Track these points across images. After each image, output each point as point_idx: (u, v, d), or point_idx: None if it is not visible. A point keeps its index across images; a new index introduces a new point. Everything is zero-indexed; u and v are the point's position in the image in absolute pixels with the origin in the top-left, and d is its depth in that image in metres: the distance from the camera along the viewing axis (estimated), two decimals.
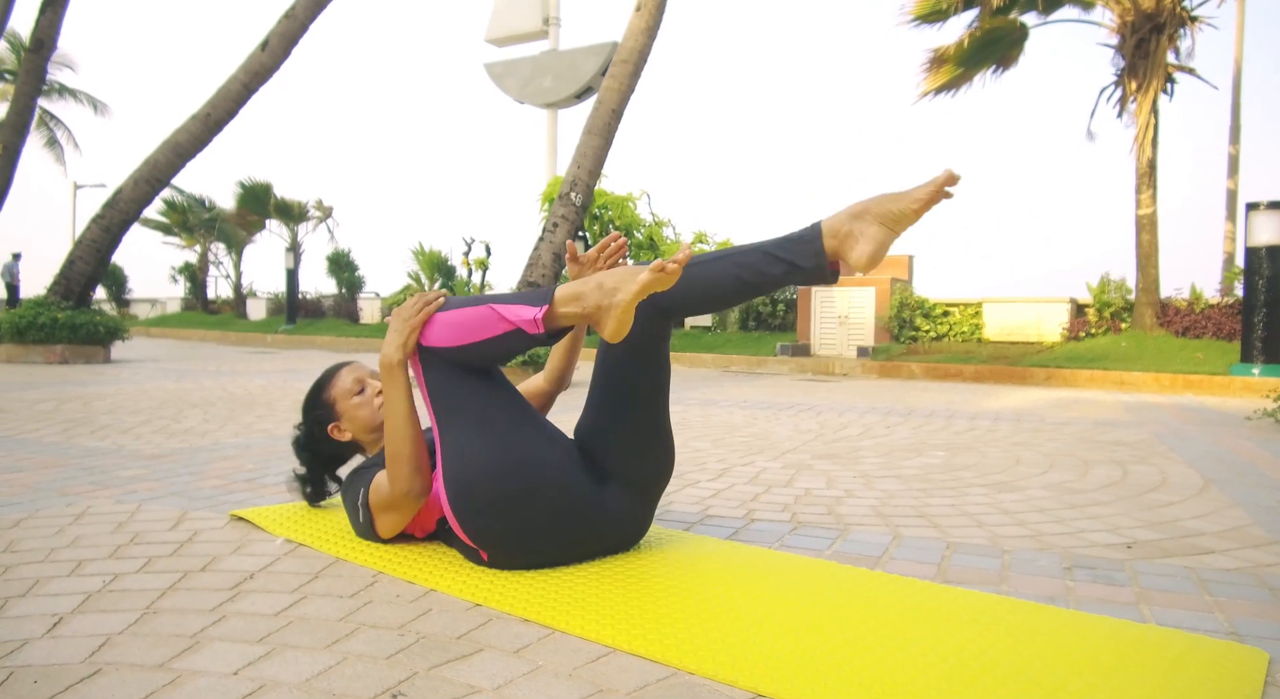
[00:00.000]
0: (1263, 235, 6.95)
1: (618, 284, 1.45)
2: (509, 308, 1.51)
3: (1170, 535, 2.00)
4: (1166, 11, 8.25)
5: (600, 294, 1.46)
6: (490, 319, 1.52)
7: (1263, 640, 1.32)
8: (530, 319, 1.48)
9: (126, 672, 1.13)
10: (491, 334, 1.52)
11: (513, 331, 1.51)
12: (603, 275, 1.48)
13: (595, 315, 1.47)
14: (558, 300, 1.50)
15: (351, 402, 1.90)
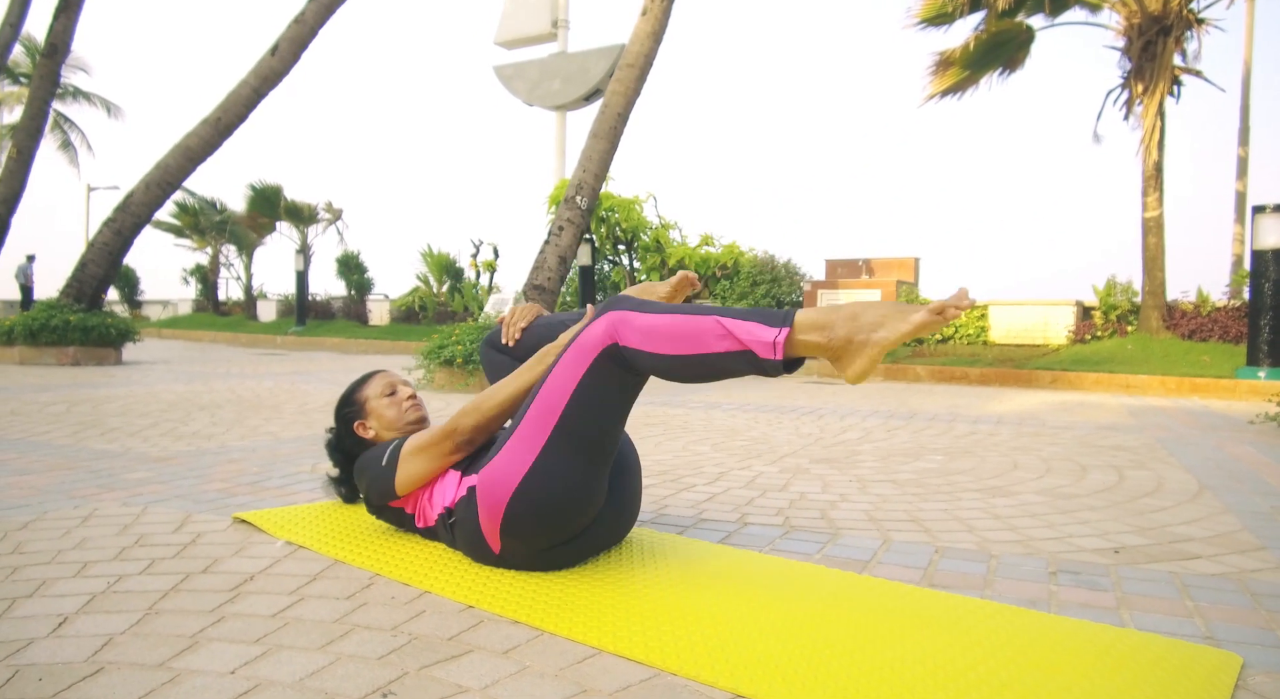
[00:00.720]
0: (1270, 238, 6.93)
1: (880, 320, 1.33)
2: (740, 324, 1.38)
3: (1158, 541, 2.02)
4: (1173, 14, 8.24)
5: (853, 327, 1.34)
6: (713, 333, 1.39)
7: (1239, 645, 1.34)
8: (768, 342, 1.34)
9: (127, 671, 1.17)
10: (710, 350, 1.40)
11: (740, 353, 1.37)
12: (858, 306, 1.36)
13: (840, 350, 1.35)
14: (799, 325, 1.36)
15: (381, 401, 1.97)
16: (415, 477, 1.73)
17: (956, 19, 9.57)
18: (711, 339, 1.39)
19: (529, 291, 7.39)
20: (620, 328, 1.48)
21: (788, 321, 1.35)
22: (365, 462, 1.83)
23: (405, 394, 2.00)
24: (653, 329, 1.45)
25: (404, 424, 1.97)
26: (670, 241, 12.22)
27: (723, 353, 1.39)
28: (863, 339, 1.33)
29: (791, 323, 1.35)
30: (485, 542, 1.61)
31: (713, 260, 11.88)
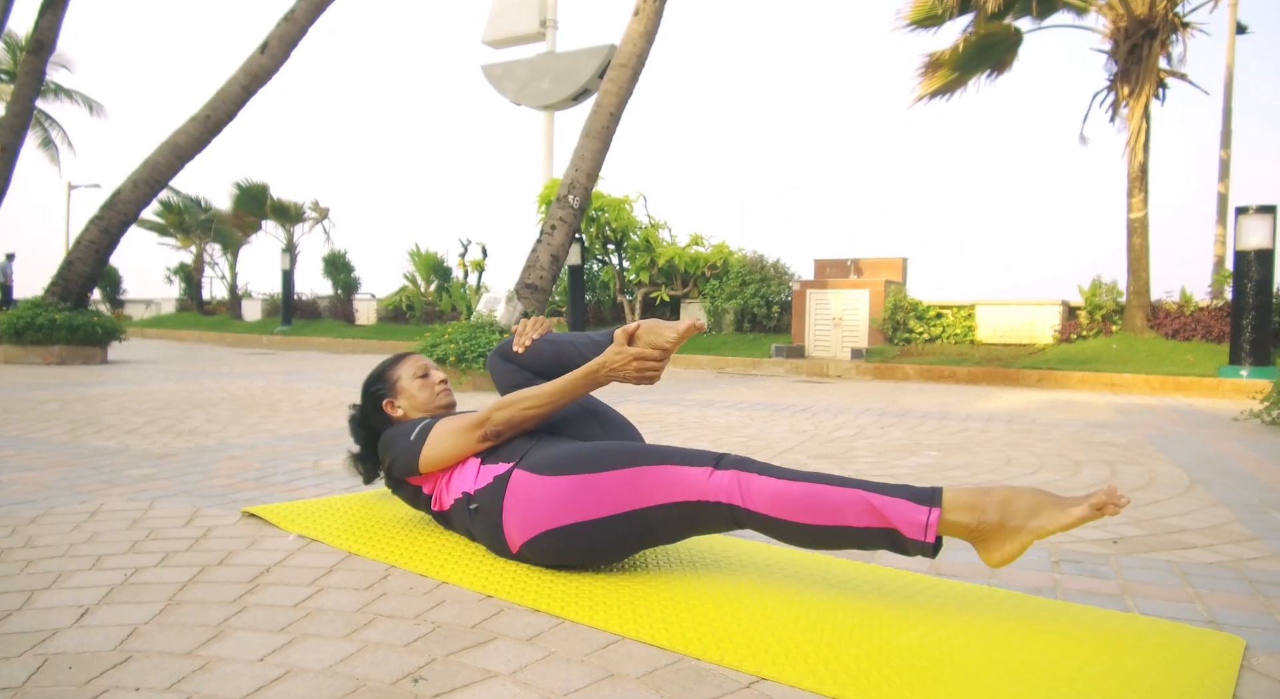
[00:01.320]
0: (1252, 239, 7.04)
1: (1035, 508, 1.30)
2: (885, 500, 1.33)
3: (1155, 532, 2.07)
4: (1159, 18, 8.35)
5: (1006, 512, 1.31)
6: (856, 508, 1.34)
7: (1240, 629, 1.38)
8: (919, 523, 1.30)
9: (156, 658, 1.18)
10: (849, 524, 1.35)
11: (883, 529, 1.33)
12: (1010, 491, 1.33)
13: (989, 534, 1.32)
14: (949, 505, 1.32)
15: (414, 382, 1.99)
16: (441, 456, 1.76)
17: (945, 21, 9.66)
18: (852, 513, 1.35)
19: (521, 290, 7.40)
20: (746, 491, 1.42)
21: (936, 501, 1.31)
22: (393, 434, 1.86)
23: (438, 378, 2.03)
24: (785, 495, 1.40)
25: (434, 407, 1.99)
26: (660, 241, 12.25)
27: (862, 528, 1.35)
28: (1016, 525, 1.30)
29: (940, 503, 1.31)
30: (504, 539, 1.64)
31: (702, 260, 11.93)
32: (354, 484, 2.50)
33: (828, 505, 1.36)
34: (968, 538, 1.33)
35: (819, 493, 1.37)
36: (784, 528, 1.41)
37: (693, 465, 1.49)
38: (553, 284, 7.74)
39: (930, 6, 9.43)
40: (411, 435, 1.80)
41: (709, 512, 1.46)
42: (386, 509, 2.10)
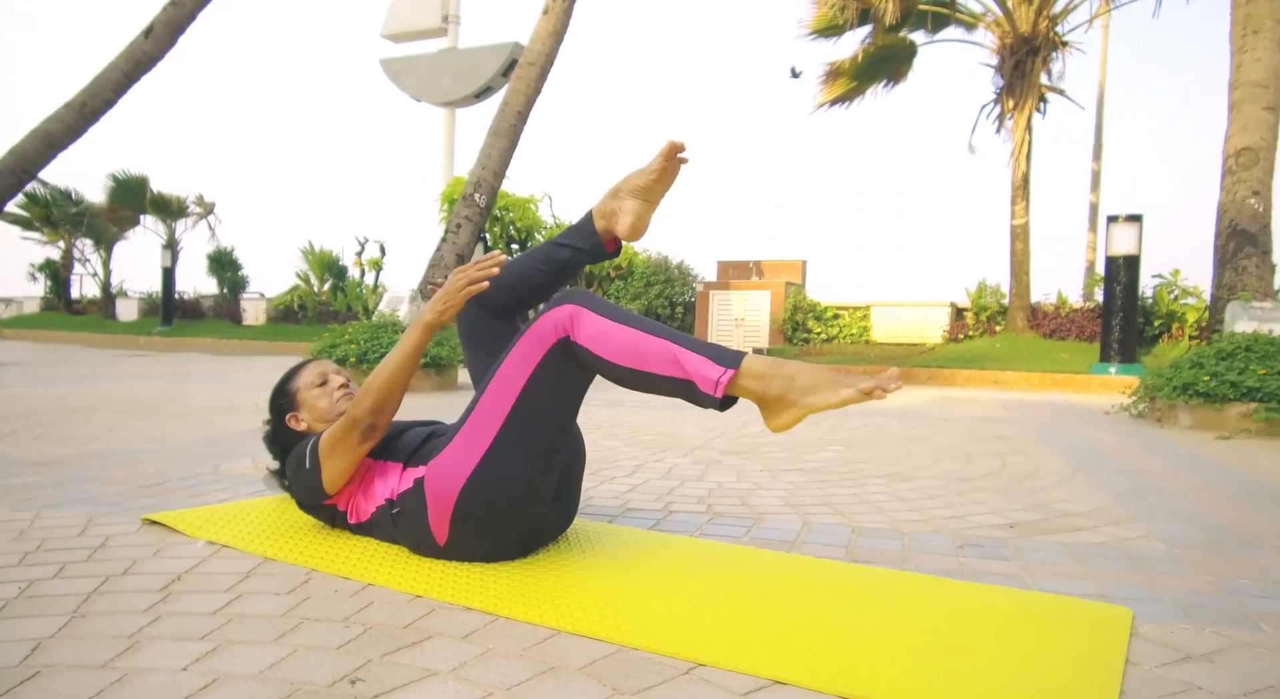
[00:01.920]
0: (1121, 246, 7.57)
1: (813, 385, 1.40)
2: (690, 356, 1.42)
3: (1045, 516, 2.21)
4: (1041, 36, 8.89)
5: (787, 385, 1.40)
6: (663, 357, 1.44)
7: (1127, 601, 1.50)
8: (712, 379, 1.40)
9: (68, 673, 1.12)
10: (654, 371, 1.45)
11: (682, 381, 1.43)
12: (796, 368, 1.42)
13: (771, 402, 1.42)
14: (744, 371, 1.41)
15: (312, 392, 1.90)
16: (339, 473, 1.71)
17: (845, 31, 10.00)
18: (659, 362, 1.44)
19: (426, 290, 7.26)
20: (575, 322, 1.50)
21: (735, 364, 1.40)
22: (291, 465, 1.79)
23: (337, 383, 1.94)
24: (606, 334, 1.48)
25: (336, 415, 1.91)
26: None
27: (665, 377, 1.44)
28: (793, 399, 1.40)
29: (738, 367, 1.40)
30: (431, 533, 1.61)
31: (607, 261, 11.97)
32: (260, 488, 2.41)
33: (640, 351, 1.46)
34: (755, 402, 1.43)
35: (636, 338, 1.47)
36: (605, 367, 1.50)
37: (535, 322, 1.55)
38: None
39: (831, 17, 9.75)
40: (305, 462, 1.74)
41: (554, 356, 1.51)
42: (298, 514, 2.04)
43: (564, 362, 1.52)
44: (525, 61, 8.20)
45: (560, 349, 1.52)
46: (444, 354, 6.20)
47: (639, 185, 1.70)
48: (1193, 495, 2.55)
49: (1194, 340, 8.25)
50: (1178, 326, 8.48)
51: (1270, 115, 6.46)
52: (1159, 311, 8.56)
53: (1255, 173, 6.05)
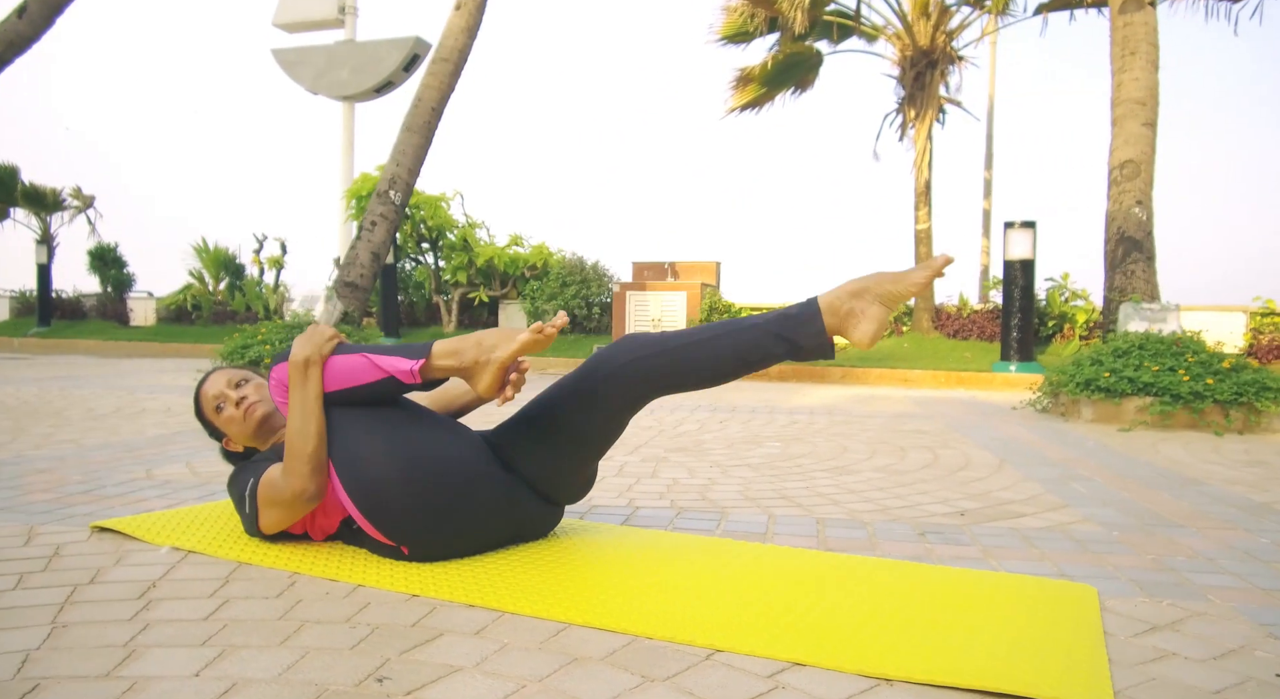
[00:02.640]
0: (1017, 250, 8.01)
1: (496, 342, 1.56)
2: (384, 359, 1.58)
3: (988, 504, 2.34)
4: (939, 49, 9.32)
5: (478, 350, 1.56)
6: (363, 368, 1.59)
7: (1086, 579, 1.61)
8: (406, 370, 1.56)
9: (71, 683, 1.06)
10: (363, 381, 1.59)
11: (385, 379, 1.58)
12: (482, 334, 1.58)
13: (470, 370, 1.57)
14: (435, 353, 1.57)
15: (220, 418, 1.83)
16: (280, 523, 1.66)
17: (755, 38, 10.23)
18: (363, 373, 1.58)
19: (341, 289, 7.05)
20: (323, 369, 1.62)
21: (425, 353, 1.56)
22: (234, 498, 1.73)
23: (233, 400, 1.82)
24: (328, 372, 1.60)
25: (254, 430, 1.83)
26: (477, 241, 12.07)
27: (374, 382, 1.58)
28: (485, 359, 1.55)
29: (429, 354, 1.56)
30: (388, 547, 1.61)
31: (521, 260, 11.87)
32: (206, 493, 2.31)
33: (346, 371, 1.59)
34: (457, 375, 1.58)
35: (337, 363, 1.59)
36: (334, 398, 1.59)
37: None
38: (374, 282, 7.44)
39: (741, 24, 9.95)
40: (245, 506, 1.68)
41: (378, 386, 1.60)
42: None
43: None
44: (439, 57, 8.07)
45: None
46: None
47: (892, 293, 1.58)
48: (1112, 483, 2.74)
49: (1084, 340, 8.81)
50: (1069, 327, 9.03)
51: (1149, 131, 6.97)
52: (1051, 313, 9.10)
53: (1138, 184, 6.52)
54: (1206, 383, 4.41)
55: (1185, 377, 4.46)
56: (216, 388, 1.86)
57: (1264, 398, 4.38)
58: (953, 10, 9.48)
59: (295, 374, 1.59)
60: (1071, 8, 9.06)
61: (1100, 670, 1.13)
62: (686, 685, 1.09)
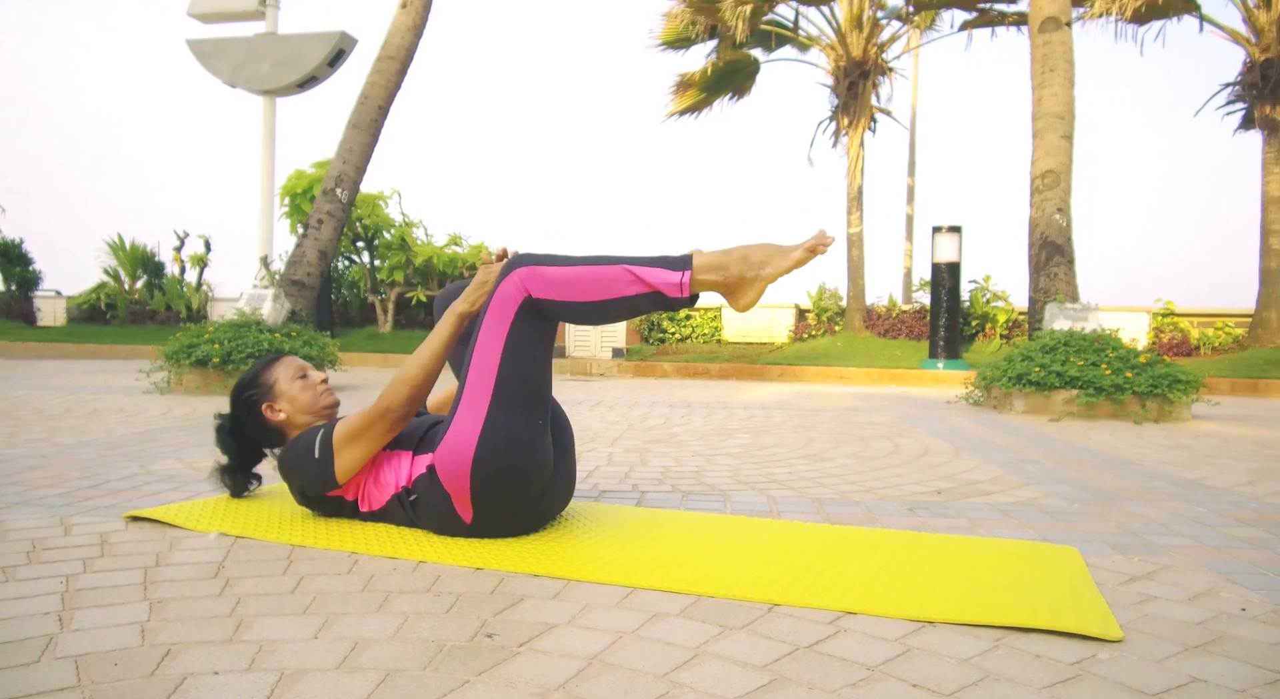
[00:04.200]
0: (944, 253, 8.43)
1: (766, 258, 1.57)
2: (646, 270, 1.56)
3: (959, 484, 2.56)
4: (871, 61, 9.73)
5: (744, 266, 1.57)
6: (623, 280, 1.56)
7: (1064, 542, 1.82)
8: (675, 283, 1.55)
9: (200, 649, 1.14)
10: (623, 294, 1.57)
11: (649, 294, 1.57)
12: (747, 248, 1.58)
13: (734, 286, 1.58)
14: (698, 267, 1.57)
15: (294, 384, 1.93)
16: (355, 463, 1.75)
17: (695, 44, 10.47)
18: (622, 285, 1.57)
19: (288, 288, 6.96)
20: (531, 281, 1.61)
21: (688, 265, 1.57)
22: (293, 458, 1.81)
23: (318, 378, 1.98)
24: (564, 280, 1.60)
25: (319, 408, 1.95)
26: (415, 240, 11.98)
27: (634, 295, 1.58)
28: (753, 275, 1.58)
29: (691, 266, 1.57)
30: (456, 513, 1.69)
31: (460, 260, 11.84)
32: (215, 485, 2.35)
33: (601, 281, 1.58)
34: (718, 291, 1.61)
35: (591, 272, 1.58)
36: (572, 309, 1.61)
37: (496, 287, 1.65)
38: (321, 280, 7.36)
39: (681, 30, 10.18)
40: (315, 453, 1.77)
41: (522, 317, 1.62)
42: (286, 504, 2.03)
43: (531, 318, 1.64)
44: (384, 55, 8.03)
45: (526, 308, 1.63)
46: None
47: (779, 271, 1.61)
48: (1060, 465, 3.01)
49: (1004, 339, 9.31)
50: (990, 326, 9.54)
51: (1067, 143, 7.44)
52: (975, 313, 9.60)
53: (1058, 192, 6.96)
54: (1126, 376, 4.79)
55: (1107, 371, 4.84)
56: (305, 363, 2.00)
57: (1175, 389, 4.79)
58: (883, 24, 9.90)
59: (448, 318, 1.71)
60: (993, 25, 9.57)
61: (1103, 609, 1.33)
62: (761, 631, 1.23)
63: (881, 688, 1.04)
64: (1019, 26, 9.50)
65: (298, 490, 1.84)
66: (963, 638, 1.22)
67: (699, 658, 1.13)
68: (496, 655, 1.13)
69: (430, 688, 1.02)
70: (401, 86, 8.08)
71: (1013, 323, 9.45)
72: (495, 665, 1.09)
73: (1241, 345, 9.61)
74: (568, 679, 1.05)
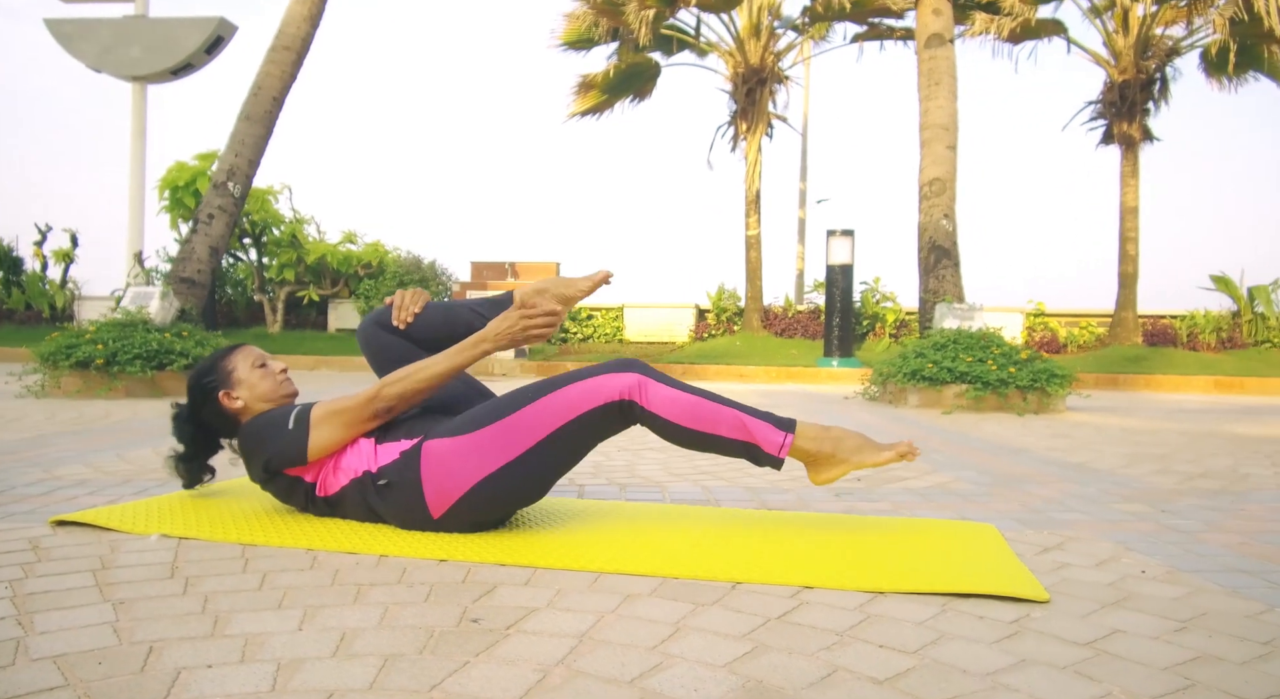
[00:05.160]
0: (838, 256, 8.80)
1: (859, 447, 1.72)
2: (754, 422, 1.67)
3: (875, 473, 2.72)
4: (768, 68, 10.04)
5: (837, 447, 1.71)
6: (730, 423, 1.66)
7: (980, 519, 1.99)
8: (777, 443, 1.67)
9: (185, 645, 1.13)
10: (721, 434, 1.67)
11: (747, 444, 1.68)
12: (844, 433, 1.73)
13: (822, 461, 1.72)
14: (800, 434, 1.69)
15: (254, 372, 1.91)
16: (331, 441, 1.75)
17: (596, 45, 10.55)
18: (726, 427, 1.67)
19: (176, 285, 6.64)
20: (645, 391, 1.67)
21: (792, 429, 1.69)
22: (262, 428, 1.79)
23: (278, 367, 1.97)
24: (679, 404, 1.67)
25: (279, 396, 1.92)
26: (306, 237, 11.58)
27: (731, 440, 1.68)
28: (843, 458, 1.72)
29: (795, 431, 1.70)
30: (426, 506, 1.70)
31: (355, 258, 11.52)
32: (137, 488, 2.26)
33: (709, 417, 1.68)
34: (805, 460, 1.74)
35: (704, 405, 1.68)
36: (670, 428, 1.69)
37: (599, 375, 1.71)
38: (213, 278, 7.05)
39: (584, 31, 10.23)
40: (289, 424, 1.76)
41: (612, 412, 1.69)
42: (224, 505, 1.98)
43: (614, 417, 1.70)
44: (279, 45, 7.76)
45: (619, 407, 1.68)
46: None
47: (565, 295, 1.87)
48: (961, 453, 3.23)
49: (893, 338, 9.79)
50: (880, 325, 10.00)
51: (951, 153, 7.91)
52: (866, 313, 10.05)
53: (945, 199, 7.40)
54: (1010, 371, 5.15)
55: (993, 367, 5.19)
56: (258, 352, 1.97)
57: (1053, 383, 5.18)
58: (780, 33, 10.24)
59: (476, 348, 1.74)
60: (882, 39, 10.04)
61: (1028, 576, 1.47)
62: (732, 606, 1.32)
63: (854, 650, 1.14)
64: (906, 41, 10.00)
65: (260, 465, 1.80)
66: (912, 605, 1.33)
67: (681, 631, 1.20)
68: (488, 638, 1.17)
69: (433, 669, 1.05)
70: (297, 78, 7.83)
71: (900, 322, 9.95)
72: (490, 647, 1.13)
73: (1103, 343, 10.43)
74: (564, 655, 1.10)
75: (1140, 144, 10.33)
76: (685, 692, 1.00)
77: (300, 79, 7.91)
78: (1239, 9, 8.83)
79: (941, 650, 1.14)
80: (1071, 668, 1.09)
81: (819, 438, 1.73)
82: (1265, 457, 3.24)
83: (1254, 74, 10.43)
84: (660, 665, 1.07)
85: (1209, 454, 3.29)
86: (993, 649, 1.15)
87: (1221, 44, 9.41)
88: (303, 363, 9.24)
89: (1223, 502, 2.28)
